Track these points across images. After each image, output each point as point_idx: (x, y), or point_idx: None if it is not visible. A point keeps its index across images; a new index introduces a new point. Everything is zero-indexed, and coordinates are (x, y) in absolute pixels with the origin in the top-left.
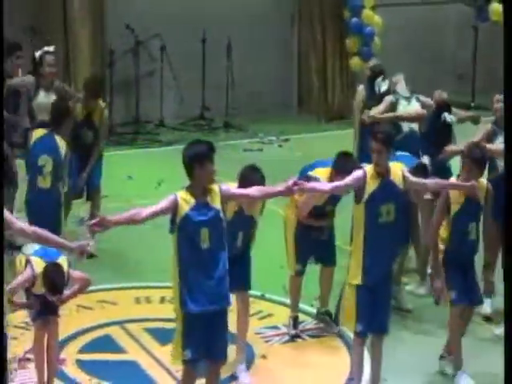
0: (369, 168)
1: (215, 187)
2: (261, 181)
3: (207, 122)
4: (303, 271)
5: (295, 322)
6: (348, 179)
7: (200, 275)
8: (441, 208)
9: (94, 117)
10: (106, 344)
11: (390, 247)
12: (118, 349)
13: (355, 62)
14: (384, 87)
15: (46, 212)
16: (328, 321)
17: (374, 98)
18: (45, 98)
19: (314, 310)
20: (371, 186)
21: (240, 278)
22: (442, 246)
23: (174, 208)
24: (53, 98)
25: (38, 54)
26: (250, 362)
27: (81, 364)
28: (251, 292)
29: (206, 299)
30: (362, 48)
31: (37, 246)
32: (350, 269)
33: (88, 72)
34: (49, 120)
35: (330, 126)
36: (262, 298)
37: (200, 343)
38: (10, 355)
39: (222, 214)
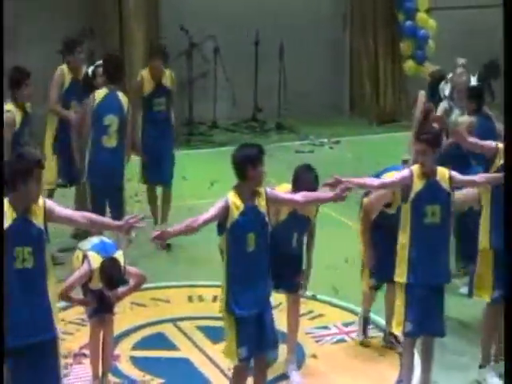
0: (416, 167)
1: (262, 190)
2: (314, 182)
3: (259, 123)
4: (379, 287)
5: (365, 327)
6: (395, 177)
7: (245, 278)
8: None
9: (164, 83)
10: (159, 341)
11: (437, 248)
12: (171, 346)
13: (409, 65)
14: (447, 91)
15: (113, 171)
16: (395, 344)
17: (434, 103)
18: None
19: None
20: (417, 185)
21: (293, 279)
22: None
23: (225, 213)
24: None
25: (90, 69)
26: (300, 362)
27: (134, 360)
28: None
29: (251, 302)
30: (415, 51)
31: (94, 241)
32: (396, 267)
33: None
34: (107, 78)
35: (381, 128)
36: (313, 298)
37: (251, 342)
38: (65, 351)
39: (267, 219)
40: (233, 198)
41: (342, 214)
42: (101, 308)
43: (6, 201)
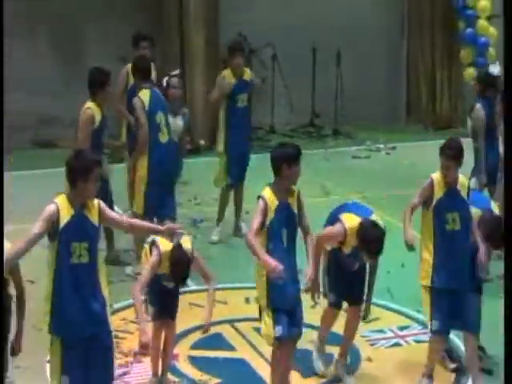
0: (436, 175)
1: (295, 190)
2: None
3: (317, 128)
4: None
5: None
6: (419, 192)
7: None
8: None
9: (245, 78)
10: (217, 341)
11: (458, 253)
12: (228, 346)
13: (469, 72)
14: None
15: (171, 164)
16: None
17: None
18: (171, 122)
19: (418, 315)
20: (439, 192)
21: (358, 293)
22: None
23: (266, 213)
24: (179, 121)
25: (165, 79)
26: (355, 365)
27: (192, 360)
28: None
29: (290, 298)
30: (476, 59)
31: None
32: (421, 270)
33: (202, 76)
34: (141, 77)
35: (438, 134)
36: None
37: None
38: (125, 349)
39: (297, 219)
40: (268, 195)
41: (399, 219)
42: (164, 311)
43: (63, 197)
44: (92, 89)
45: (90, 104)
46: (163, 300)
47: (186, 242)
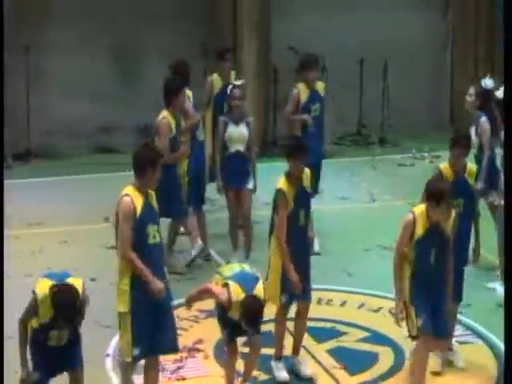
0: (444, 166)
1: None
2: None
3: (363, 137)
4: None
5: None
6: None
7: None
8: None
9: (318, 90)
10: (267, 338)
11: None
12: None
13: None
14: None
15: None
16: None
17: None
18: (235, 130)
19: (462, 317)
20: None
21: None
22: None
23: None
24: (243, 129)
25: (229, 88)
26: (400, 364)
27: (243, 356)
28: None
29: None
30: None
31: (235, 269)
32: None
33: (254, 88)
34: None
35: None
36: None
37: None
38: (180, 345)
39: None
40: (283, 185)
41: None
42: (235, 334)
43: (131, 188)
44: (167, 98)
45: (165, 113)
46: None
47: (259, 290)
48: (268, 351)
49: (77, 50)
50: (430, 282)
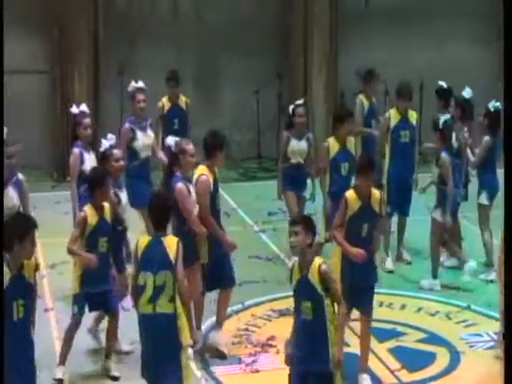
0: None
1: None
2: None
3: (423, 156)
4: None
5: None
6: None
7: None
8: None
9: (409, 117)
10: None
11: None
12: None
13: None
14: None
15: None
16: None
17: None
18: (297, 145)
19: None
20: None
21: None
22: None
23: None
24: (303, 145)
25: (291, 108)
26: (454, 365)
27: None
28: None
29: None
30: None
31: None
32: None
33: (322, 109)
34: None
35: None
36: (468, 308)
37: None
38: (254, 340)
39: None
40: (349, 195)
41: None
42: None
43: (205, 167)
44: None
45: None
46: None
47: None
48: None
49: (164, 74)
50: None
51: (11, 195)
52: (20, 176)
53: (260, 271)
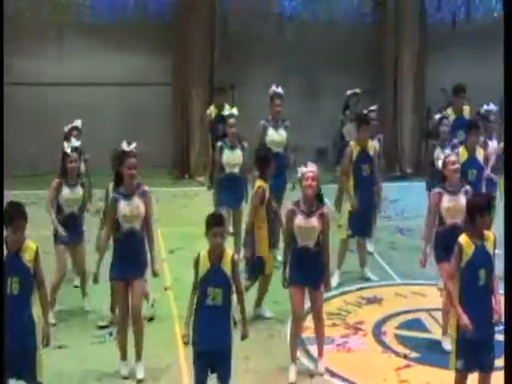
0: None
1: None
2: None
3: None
4: None
5: None
6: None
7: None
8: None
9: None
10: (417, 324)
11: None
12: (425, 329)
13: None
14: None
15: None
16: None
17: None
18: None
19: None
20: None
21: None
22: None
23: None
24: (376, 144)
25: (365, 111)
26: None
27: (397, 337)
28: None
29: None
30: None
31: None
32: None
33: (410, 121)
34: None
35: None
36: None
37: (471, 357)
38: (345, 324)
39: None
40: (462, 239)
41: None
42: None
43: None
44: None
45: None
46: None
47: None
48: None
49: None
50: None
51: (137, 204)
52: (145, 188)
53: (351, 262)
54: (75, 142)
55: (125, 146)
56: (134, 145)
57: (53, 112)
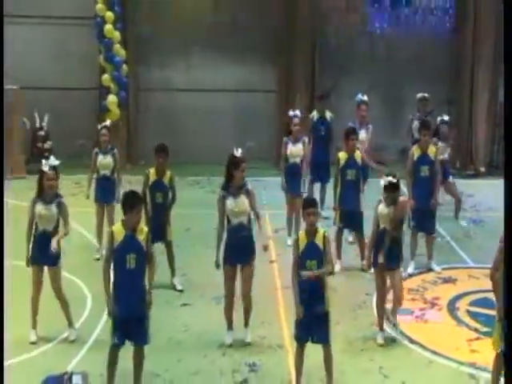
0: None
1: None
2: None
3: None
4: None
5: None
6: None
7: None
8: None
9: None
10: (487, 302)
11: None
12: (493, 306)
13: None
14: None
15: None
16: None
17: None
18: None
19: None
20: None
21: None
22: None
23: None
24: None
25: (438, 120)
26: None
27: (469, 312)
28: None
29: None
30: None
31: None
32: None
33: (484, 131)
34: None
35: None
36: None
37: None
38: (423, 299)
39: None
40: None
41: None
42: None
43: None
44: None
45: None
46: None
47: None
48: None
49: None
50: None
51: (243, 201)
52: (249, 186)
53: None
54: (54, 161)
55: (236, 152)
56: (240, 150)
57: (181, 113)
